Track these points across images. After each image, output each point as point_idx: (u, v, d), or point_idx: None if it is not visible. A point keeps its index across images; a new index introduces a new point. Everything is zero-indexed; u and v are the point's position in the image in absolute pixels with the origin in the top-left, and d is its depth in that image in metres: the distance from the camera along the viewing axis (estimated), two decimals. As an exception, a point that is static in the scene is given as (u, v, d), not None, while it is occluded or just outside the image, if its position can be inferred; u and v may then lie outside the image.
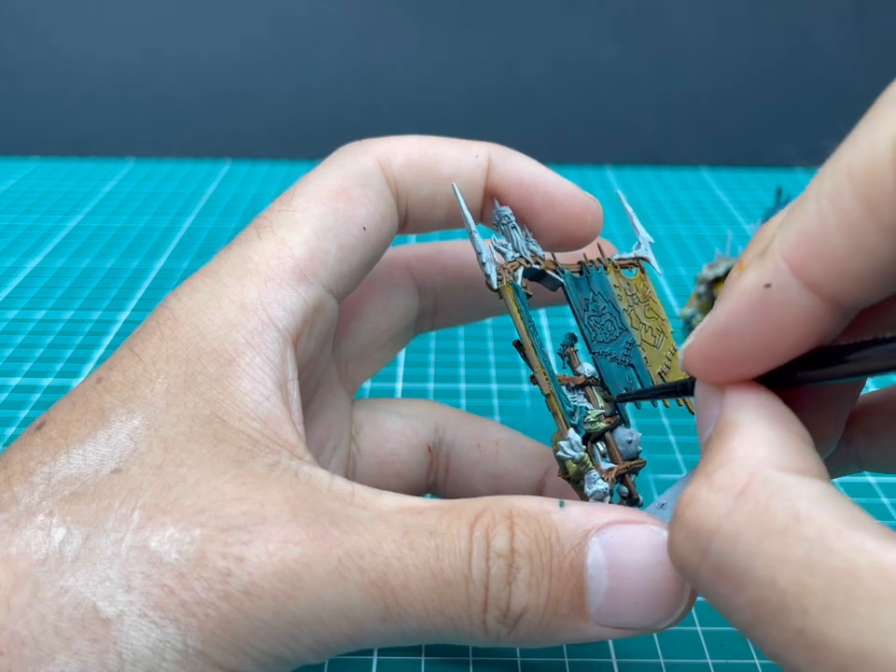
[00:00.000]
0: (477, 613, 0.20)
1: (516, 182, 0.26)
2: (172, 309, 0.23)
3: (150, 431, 0.20)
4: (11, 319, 0.51)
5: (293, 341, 0.23)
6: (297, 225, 0.24)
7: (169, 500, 0.19)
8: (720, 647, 0.30)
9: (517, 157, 0.27)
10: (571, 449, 0.23)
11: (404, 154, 0.26)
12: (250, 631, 0.19)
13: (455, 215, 0.26)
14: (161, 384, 0.21)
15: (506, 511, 0.20)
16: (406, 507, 0.20)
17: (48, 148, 0.79)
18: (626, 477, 0.25)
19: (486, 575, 0.20)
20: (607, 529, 0.20)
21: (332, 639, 0.19)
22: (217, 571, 0.19)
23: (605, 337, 0.26)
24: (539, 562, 0.20)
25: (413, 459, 0.30)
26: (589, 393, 0.25)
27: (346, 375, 0.29)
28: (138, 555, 0.19)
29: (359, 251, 0.25)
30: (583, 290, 0.26)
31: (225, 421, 0.21)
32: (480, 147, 0.26)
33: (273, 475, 0.20)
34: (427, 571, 0.19)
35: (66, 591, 0.18)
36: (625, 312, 0.26)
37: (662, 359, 0.26)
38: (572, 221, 0.26)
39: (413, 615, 0.19)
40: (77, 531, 0.19)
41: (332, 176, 0.25)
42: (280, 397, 0.22)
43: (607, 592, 0.20)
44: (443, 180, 0.26)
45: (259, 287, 0.23)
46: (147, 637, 0.18)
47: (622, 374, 0.26)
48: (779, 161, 0.79)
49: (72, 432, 0.21)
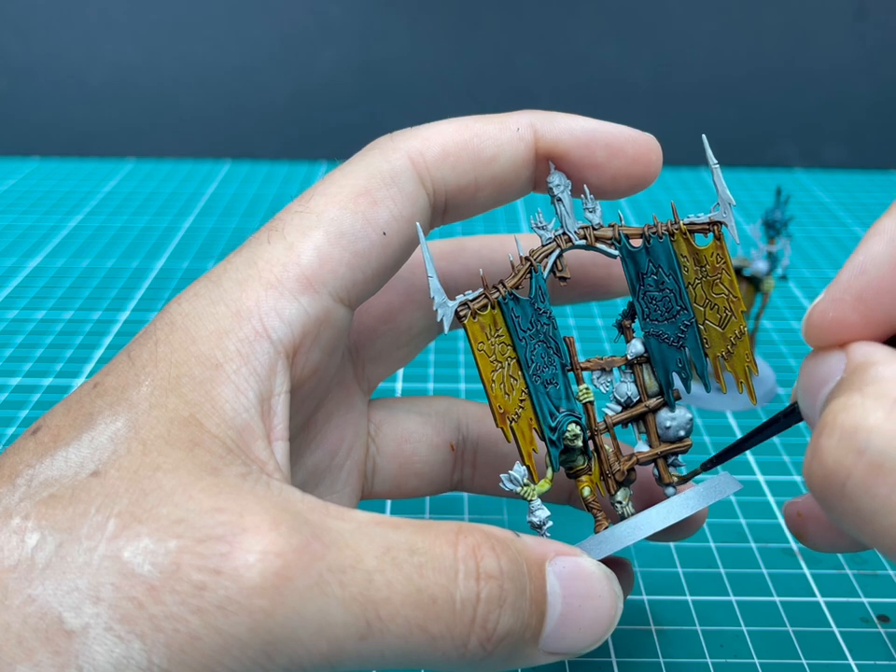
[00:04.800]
0: (461, 634, 0.19)
1: (572, 142, 0.25)
2: (171, 314, 0.22)
3: (131, 433, 0.20)
4: (11, 319, 0.51)
5: (288, 353, 0.22)
6: (309, 229, 0.23)
7: (145, 509, 0.19)
8: (719, 647, 0.30)
9: (562, 117, 0.25)
10: (510, 482, 0.23)
11: (439, 144, 0.24)
12: (221, 649, 0.18)
13: (501, 193, 0.25)
14: (147, 386, 0.21)
15: (484, 534, 0.20)
16: (383, 521, 0.20)
17: (48, 148, 0.79)
18: (659, 461, 0.25)
19: (476, 596, 0.20)
20: (556, 559, 0.21)
21: (309, 660, 0.19)
22: (191, 584, 0.18)
23: (659, 315, 0.25)
24: (519, 587, 0.20)
25: (436, 459, 0.29)
26: (638, 372, 0.25)
27: (363, 375, 0.29)
28: (109, 566, 0.18)
29: (378, 258, 0.23)
30: (641, 263, 0.24)
31: (202, 424, 0.20)
32: (520, 117, 0.25)
33: (246, 485, 0.20)
34: (412, 587, 0.19)
35: (34, 600, 0.18)
36: (690, 287, 0.24)
37: (725, 342, 0.24)
38: (640, 165, 0.25)
39: (395, 632, 0.19)
40: (50, 537, 0.18)
41: (357, 176, 0.24)
42: (259, 411, 0.21)
43: (559, 619, 0.21)
44: (485, 163, 0.24)
45: (259, 295, 0.22)
46: (111, 651, 0.17)
47: (672, 357, 0.25)
48: (779, 161, 0.79)
49: (61, 436, 0.20)
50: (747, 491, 0.37)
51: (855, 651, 0.29)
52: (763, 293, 0.44)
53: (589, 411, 0.25)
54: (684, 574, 0.33)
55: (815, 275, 0.59)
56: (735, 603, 0.31)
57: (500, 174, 0.25)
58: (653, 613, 0.31)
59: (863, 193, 0.74)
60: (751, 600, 0.32)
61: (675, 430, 0.25)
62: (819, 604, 0.31)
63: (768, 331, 0.51)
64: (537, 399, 0.24)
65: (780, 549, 0.34)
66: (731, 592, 0.32)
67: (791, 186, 0.74)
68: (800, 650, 0.29)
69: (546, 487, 0.24)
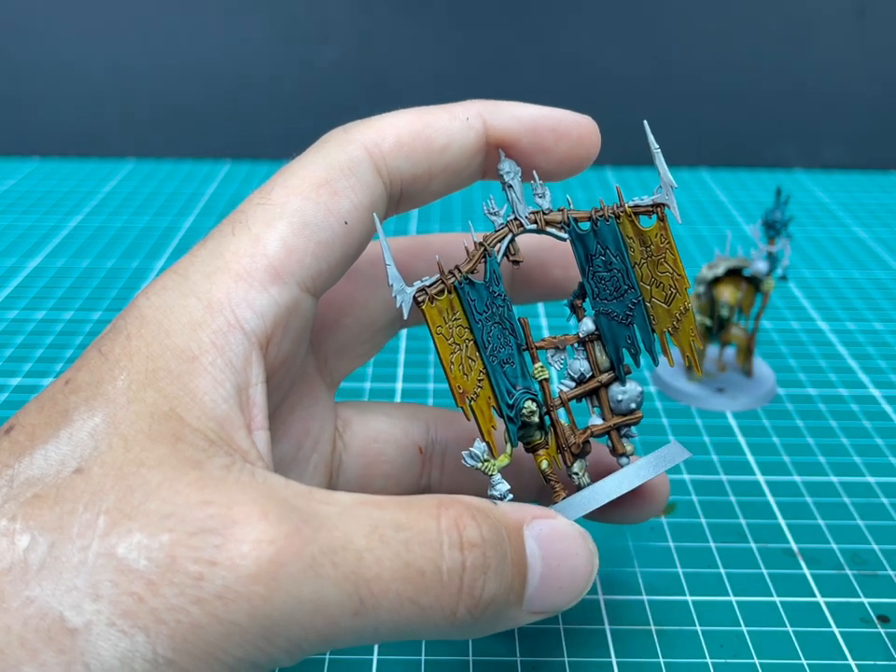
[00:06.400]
0: (449, 603, 0.20)
1: (520, 128, 0.26)
2: (140, 308, 0.22)
3: (111, 428, 0.20)
4: (11, 319, 0.51)
5: (261, 343, 0.22)
6: (273, 220, 0.23)
7: (133, 505, 0.19)
8: (719, 647, 0.30)
9: (508, 105, 0.26)
10: (471, 458, 0.24)
11: (393, 135, 0.25)
12: (223, 636, 0.18)
13: (453, 181, 0.26)
14: (122, 381, 0.21)
15: (464, 505, 0.21)
16: (366, 501, 0.21)
17: (48, 148, 0.79)
18: (612, 433, 0.26)
19: (461, 565, 0.20)
20: (533, 523, 0.22)
21: (306, 639, 0.19)
22: (188, 576, 0.18)
23: (608, 294, 0.26)
24: (500, 552, 0.21)
25: (403, 460, 0.29)
26: (590, 349, 0.26)
27: (326, 369, 0.29)
28: (105, 563, 0.18)
29: (340, 247, 0.24)
30: (589, 245, 0.25)
31: (182, 418, 0.20)
32: (468, 107, 0.26)
33: (231, 476, 0.20)
34: (400, 562, 0.20)
35: (32, 601, 0.18)
36: (636, 266, 0.25)
37: (671, 318, 0.26)
38: (583, 146, 0.26)
39: (387, 607, 0.19)
40: (41, 538, 0.18)
41: (316, 167, 0.24)
42: (238, 401, 0.21)
43: (540, 579, 0.22)
44: (437, 152, 0.25)
45: (229, 287, 0.22)
46: (116, 646, 0.18)
47: (621, 334, 0.26)
48: (779, 162, 0.79)
49: (37, 434, 0.20)
50: (747, 491, 0.37)
51: (855, 651, 0.29)
52: (763, 293, 0.44)
53: (545, 387, 0.26)
54: (684, 574, 0.33)
55: (815, 275, 0.59)
56: (734, 603, 0.32)
57: (452, 162, 0.25)
58: (653, 613, 0.31)
59: (863, 193, 0.74)
60: (751, 600, 0.32)
61: (626, 403, 0.26)
62: (818, 604, 0.31)
63: (768, 331, 0.51)
64: (494, 379, 0.25)
65: (780, 549, 0.34)
66: (731, 592, 0.32)
67: (790, 186, 0.74)
68: (800, 650, 0.29)
69: (506, 462, 0.25)
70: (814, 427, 0.42)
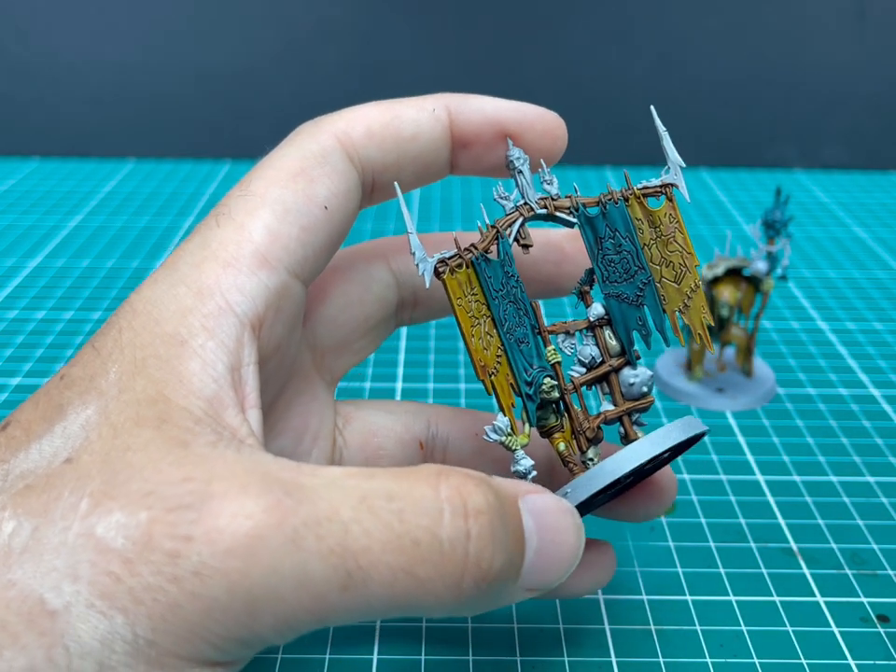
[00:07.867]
0: (452, 574, 0.19)
1: (483, 121, 0.26)
2: (131, 302, 0.23)
3: (101, 419, 0.20)
4: (11, 319, 0.51)
5: (254, 325, 0.22)
6: (256, 209, 0.24)
7: (116, 486, 0.19)
8: (719, 647, 0.30)
9: (474, 98, 0.27)
10: (494, 433, 0.24)
11: (363, 125, 0.25)
12: (203, 614, 0.18)
13: (423, 172, 0.27)
14: (114, 373, 0.21)
15: (465, 473, 0.21)
16: (357, 472, 0.20)
17: (48, 148, 0.79)
18: (624, 418, 0.26)
19: (465, 534, 0.20)
20: (527, 497, 0.22)
21: (294, 616, 0.19)
22: (164, 554, 0.18)
23: (618, 277, 0.26)
24: (504, 523, 0.20)
25: (404, 455, 0.29)
26: (599, 335, 0.26)
27: (323, 365, 0.29)
28: (84, 543, 0.18)
29: (323, 232, 0.24)
30: (599, 228, 0.26)
31: (169, 399, 0.20)
32: (435, 99, 0.26)
33: (216, 452, 0.20)
34: (391, 533, 0.19)
35: (14, 584, 0.18)
36: (646, 248, 0.26)
37: (682, 296, 0.26)
38: (548, 139, 0.26)
39: (378, 580, 0.19)
40: (27, 523, 0.18)
41: (290, 158, 0.25)
42: (230, 381, 0.21)
43: (535, 554, 0.22)
44: (406, 142, 0.26)
45: (217, 273, 0.22)
46: (96, 628, 0.18)
47: (632, 315, 0.26)
48: (779, 162, 0.79)
49: (33, 429, 0.20)
50: (747, 491, 0.37)
51: (855, 651, 0.29)
52: (763, 293, 0.44)
53: (558, 371, 0.25)
54: (684, 574, 0.33)
55: (815, 275, 0.59)
56: (734, 603, 0.32)
57: (421, 153, 0.26)
58: (653, 613, 0.31)
59: (863, 193, 0.74)
60: (751, 600, 0.32)
61: (638, 387, 0.26)
62: (818, 604, 0.32)
63: (768, 331, 0.51)
64: (512, 356, 0.25)
65: (780, 549, 0.34)
66: (731, 592, 0.32)
67: (790, 186, 0.74)
68: (800, 650, 0.29)
69: (525, 441, 0.24)
70: (814, 426, 0.42)
